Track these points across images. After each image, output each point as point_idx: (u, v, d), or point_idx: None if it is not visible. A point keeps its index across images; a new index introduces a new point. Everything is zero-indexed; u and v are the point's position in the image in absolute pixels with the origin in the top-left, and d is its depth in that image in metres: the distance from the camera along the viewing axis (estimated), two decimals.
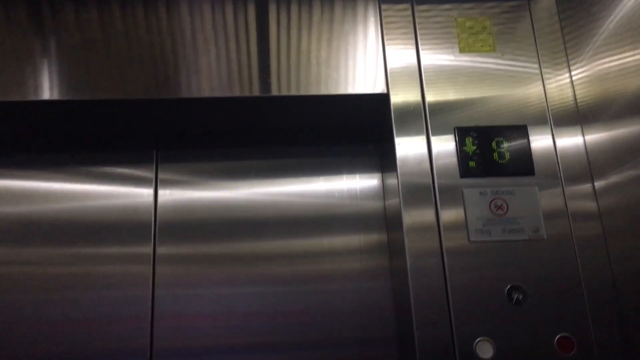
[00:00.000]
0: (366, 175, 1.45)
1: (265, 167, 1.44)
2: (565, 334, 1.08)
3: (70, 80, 1.22)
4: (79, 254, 1.34)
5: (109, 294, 1.31)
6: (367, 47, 1.28)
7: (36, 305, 1.29)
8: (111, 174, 1.40)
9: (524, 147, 1.20)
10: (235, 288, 1.34)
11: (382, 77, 1.26)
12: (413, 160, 1.19)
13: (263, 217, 1.40)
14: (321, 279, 1.35)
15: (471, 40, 1.28)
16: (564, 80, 1.27)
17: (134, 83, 1.22)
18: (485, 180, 1.17)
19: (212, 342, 1.30)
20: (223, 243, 1.37)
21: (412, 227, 1.15)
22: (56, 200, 1.38)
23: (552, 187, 1.18)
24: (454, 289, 1.10)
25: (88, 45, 1.24)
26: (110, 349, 1.28)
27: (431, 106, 1.23)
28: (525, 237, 1.14)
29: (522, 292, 1.10)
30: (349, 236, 1.39)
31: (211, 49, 1.26)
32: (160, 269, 1.33)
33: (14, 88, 1.21)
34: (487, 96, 1.24)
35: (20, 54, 1.23)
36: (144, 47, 1.25)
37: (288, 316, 1.33)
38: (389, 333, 1.32)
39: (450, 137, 1.21)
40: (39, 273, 1.32)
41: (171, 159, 1.43)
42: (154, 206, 1.38)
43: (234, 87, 1.24)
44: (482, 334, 1.07)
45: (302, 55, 1.26)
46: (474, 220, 1.14)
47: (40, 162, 1.41)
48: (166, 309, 1.31)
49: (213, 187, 1.41)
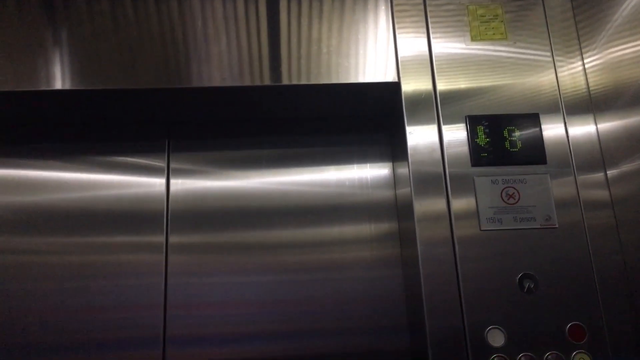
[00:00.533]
0: (377, 164, 1.45)
1: (276, 156, 1.45)
2: (576, 323, 1.08)
3: (81, 70, 1.22)
4: (92, 243, 1.35)
5: (122, 283, 1.32)
6: (378, 35, 1.28)
7: (49, 293, 1.31)
8: (123, 164, 1.41)
9: (535, 136, 1.19)
10: (246, 276, 1.35)
11: (393, 65, 1.26)
12: (424, 149, 1.19)
13: (274, 207, 1.40)
14: (332, 267, 1.36)
15: (483, 29, 1.28)
16: (577, 68, 1.26)
17: (145, 72, 1.23)
18: (496, 168, 1.17)
19: (223, 329, 1.31)
20: (234, 232, 1.38)
21: (423, 216, 1.15)
22: (69, 190, 1.39)
23: (564, 176, 1.17)
24: (465, 278, 1.10)
25: (99, 35, 1.25)
26: (123, 336, 1.29)
27: (442, 95, 1.23)
28: (536, 225, 1.13)
29: (533, 281, 1.10)
30: (360, 225, 1.39)
31: (222, 38, 1.26)
32: (173, 257, 1.35)
33: (26, 78, 1.22)
34: (499, 84, 1.24)
35: (32, 44, 1.24)
36: (155, 36, 1.25)
37: (299, 305, 1.33)
38: (400, 321, 1.32)
39: (461, 125, 1.20)
40: (52, 262, 1.33)
41: (183, 148, 1.43)
42: (166, 195, 1.39)
43: (245, 76, 1.24)
44: (493, 322, 1.08)
45: (312, 44, 1.26)
46: (485, 208, 1.14)
47: (53, 151, 1.42)
48: (179, 297, 1.32)
49: (224, 176, 1.42)
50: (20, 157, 1.41)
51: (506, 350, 1.06)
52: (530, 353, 1.06)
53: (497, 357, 1.05)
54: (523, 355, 1.05)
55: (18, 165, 1.40)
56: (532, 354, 1.05)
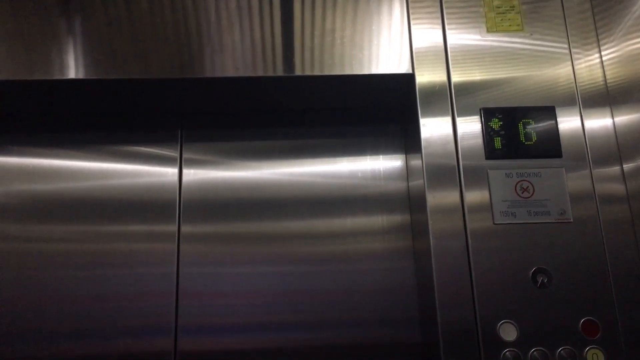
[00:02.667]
0: (390, 156, 1.44)
1: (289, 147, 1.44)
2: (590, 318, 1.07)
3: (95, 59, 1.23)
4: (105, 231, 1.36)
5: (134, 271, 1.33)
6: (393, 26, 1.27)
7: (62, 281, 1.32)
8: (136, 153, 1.42)
9: (551, 129, 1.18)
10: (258, 267, 1.35)
11: (408, 57, 1.25)
12: (438, 141, 1.18)
13: (286, 197, 1.40)
14: (344, 259, 1.36)
15: (499, 20, 1.26)
16: (594, 61, 1.24)
17: (159, 62, 1.23)
18: (511, 162, 1.16)
19: (235, 319, 1.31)
20: (246, 222, 1.38)
21: (436, 208, 1.14)
22: (82, 179, 1.39)
23: (579, 170, 1.16)
24: (477, 271, 1.10)
25: (113, 25, 1.25)
26: (136, 325, 1.30)
27: (457, 87, 1.21)
28: (551, 219, 1.12)
29: (547, 275, 1.09)
30: (372, 217, 1.39)
31: (235, 28, 1.25)
32: (185, 247, 1.35)
33: (40, 67, 1.22)
34: (514, 77, 1.22)
35: (46, 33, 1.24)
36: (169, 26, 1.25)
37: (310, 295, 1.33)
38: (412, 314, 1.32)
39: (476, 118, 1.19)
40: (65, 250, 1.34)
41: (196, 138, 1.44)
42: (179, 185, 1.39)
43: (258, 66, 1.23)
44: (505, 316, 1.07)
45: (326, 34, 1.25)
46: (499, 202, 1.13)
47: (66, 141, 1.42)
48: (191, 286, 1.32)
49: (237, 166, 1.42)
50: (34, 146, 1.41)
51: (518, 345, 1.05)
52: (542, 348, 1.05)
53: (509, 351, 1.05)
54: (535, 350, 1.05)
55: (32, 154, 1.41)
56: (544, 349, 1.05)
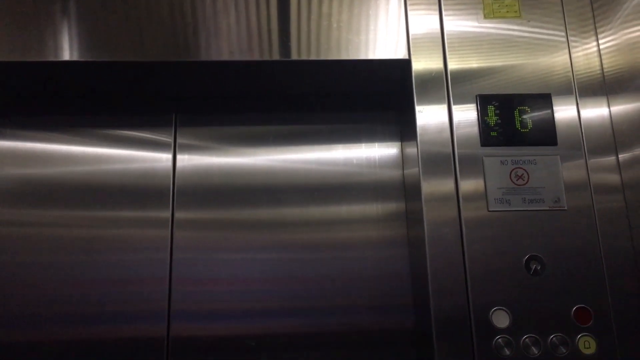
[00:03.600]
0: (385, 143, 1.43)
1: (284, 133, 1.44)
2: (582, 306, 1.07)
3: (89, 41, 1.21)
4: (98, 217, 1.35)
5: (127, 257, 1.32)
6: (389, 11, 1.26)
7: (54, 267, 1.31)
8: (130, 138, 1.40)
9: (547, 117, 1.18)
10: (252, 253, 1.34)
11: (404, 42, 1.24)
12: (433, 128, 1.18)
13: (281, 184, 1.39)
14: (338, 246, 1.35)
15: (496, 6, 1.25)
16: (591, 49, 1.23)
17: (153, 45, 1.21)
18: (506, 149, 1.16)
19: (228, 305, 1.31)
20: (241, 209, 1.37)
21: (431, 196, 1.14)
22: (75, 163, 1.38)
23: (574, 158, 1.16)
24: (471, 258, 1.10)
25: (108, 6, 1.23)
26: (129, 310, 1.30)
27: (453, 73, 1.21)
28: (545, 207, 1.12)
29: (540, 263, 1.09)
30: (367, 204, 1.38)
31: (231, 11, 1.24)
32: (179, 233, 1.34)
33: (34, 48, 1.21)
34: (511, 64, 1.22)
35: (40, 14, 1.23)
36: (164, 8, 1.23)
37: (304, 282, 1.33)
38: (406, 301, 1.32)
39: (472, 105, 1.19)
40: (58, 235, 1.33)
41: (190, 123, 1.42)
42: (173, 171, 1.38)
43: (254, 50, 1.22)
44: (498, 303, 1.07)
45: (322, 18, 1.24)
46: (494, 189, 1.13)
47: (59, 124, 1.41)
48: (184, 272, 1.32)
49: (231, 152, 1.41)
50: (26, 129, 1.40)
51: (511, 332, 1.05)
52: (534, 335, 1.05)
53: (502, 338, 1.05)
54: (527, 337, 1.05)
55: (24, 137, 1.40)
56: (536, 335, 1.05)
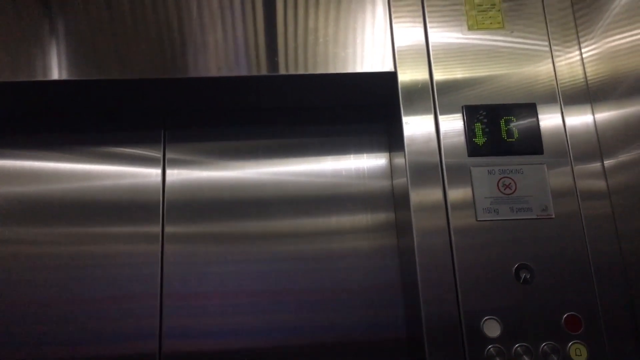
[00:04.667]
0: (374, 154, 1.44)
1: (273, 146, 1.44)
2: (572, 313, 1.08)
3: (77, 60, 1.22)
4: (88, 233, 1.35)
5: (118, 273, 1.32)
6: (375, 25, 1.27)
7: (45, 284, 1.31)
8: (119, 154, 1.41)
9: (532, 126, 1.19)
10: (242, 266, 1.34)
11: (390, 55, 1.25)
12: (421, 139, 1.19)
13: (270, 197, 1.40)
14: (329, 257, 1.35)
15: (480, 18, 1.27)
16: (574, 58, 1.25)
17: (141, 62, 1.22)
18: (493, 159, 1.17)
19: (220, 319, 1.31)
20: (231, 222, 1.38)
21: (419, 206, 1.14)
22: (65, 181, 1.38)
23: (561, 166, 1.17)
24: (461, 268, 1.10)
25: (95, 25, 1.24)
26: (119, 327, 1.29)
27: (439, 85, 1.22)
28: (533, 215, 1.13)
29: (529, 271, 1.09)
30: (357, 215, 1.39)
31: (218, 28, 1.25)
32: (169, 247, 1.34)
33: (23, 68, 1.21)
34: (496, 74, 1.23)
35: (28, 35, 1.23)
36: (151, 26, 1.24)
37: (295, 294, 1.33)
38: (397, 311, 1.32)
39: (458, 115, 1.20)
40: (48, 252, 1.33)
41: (179, 138, 1.43)
42: (162, 186, 1.39)
43: (241, 66, 1.23)
44: (489, 312, 1.08)
45: (309, 33, 1.26)
46: (482, 199, 1.14)
47: (49, 142, 1.41)
48: (175, 287, 1.32)
49: (220, 166, 1.42)
50: (15, 148, 1.40)
51: (502, 341, 1.06)
52: (526, 343, 1.05)
53: (493, 347, 1.05)
54: (519, 345, 1.05)
55: (13, 155, 1.40)
56: (528, 344, 1.05)
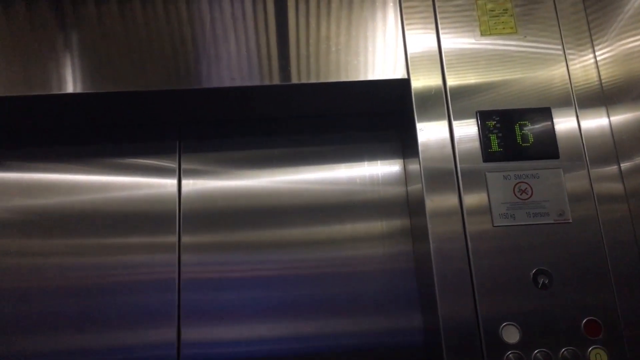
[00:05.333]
0: (388, 161, 1.44)
1: (287, 155, 1.45)
2: (592, 318, 1.07)
3: (92, 73, 1.23)
4: (106, 244, 1.36)
5: (136, 283, 1.33)
6: (387, 32, 1.27)
7: (63, 294, 1.32)
8: (135, 165, 1.42)
9: (547, 130, 1.18)
10: (258, 274, 1.35)
11: (403, 62, 1.25)
12: (435, 145, 1.18)
13: (285, 205, 1.40)
14: (344, 265, 1.36)
15: (492, 23, 1.27)
16: (588, 61, 1.24)
17: (155, 74, 1.23)
18: (508, 164, 1.16)
19: (238, 328, 1.31)
20: (246, 231, 1.38)
21: (435, 212, 1.14)
22: (82, 192, 1.40)
23: (577, 170, 1.16)
24: (478, 274, 1.10)
25: (109, 38, 1.25)
26: (138, 336, 1.30)
27: (452, 90, 1.22)
28: (550, 220, 1.12)
29: (548, 276, 1.09)
30: (372, 222, 1.39)
31: (230, 38, 1.26)
32: (186, 257, 1.35)
33: (38, 82, 1.23)
34: (510, 79, 1.23)
35: (43, 49, 1.25)
36: (164, 38, 1.25)
37: (312, 302, 1.33)
38: (414, 317, 1.32)
39: (472, 121, 1.19)
40: (67, 263, 1.34)
41: (194, 148, 1.44)
42: (178, 196, 1.40)
43: (254, 76, 1.24)
44: (507, 318, 1.07)
45: (321, 42, 1.26)
46: (498, 204, 1.14)
47: (65, 154, 1.43)
48: (192, 295, 1.32)
49: (235, 176, 1.42)
50: (34, 161, 1.42)
51: (521, 347, 1.05)
52: (545, 349, 1.05)
53: (512, 353, 1.04)
54: (539, 351, 1.05)
55: (31, 168, 1.41)
56: (547, 350, 1.05)
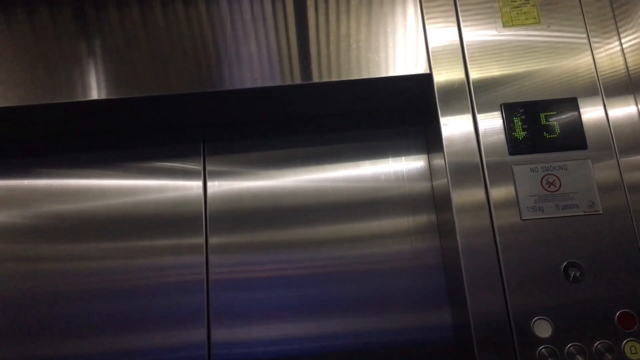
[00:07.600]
0: (412, 156, 1.43)
1: (310, 154, 1.45)
2: (626, 310, 1.05)
3: (116, 79, 1.25)
4: (134, 247, 1.38)
5: (165, 284, 1.35)
6: (407, 27, 1.27)
7: (93, 298, 1.34)
8: (161, 169, 1.44)
9: (574, 120, 1.16)
10: (286, 274, 1.35)
11: (424, 57, 1.24)
12: (459, 139, 1.18)
13: (310, 204, 1.40)
14: (372, 262, 1.35)
15: (514, 14, 1.25)
16: (614, 49, 1.22)
17: (178, 78, 1.24)
18: (535, 156, 1.15)
19: (267, 328, 1.32)
20: (272, 231, 1.39)
21: (461, 206, 1.13)
22: (109, 197, 1.42)
23: (606, 160, 1.14)
24: (507, 269, 1.08)
25: (132, 44, 1.27)
26: (168, 337, 1.31)
27: (476, 84, 1.21)
28: (580, 212, 1.11)
29: (579, 269, 1.07)
30: (398, 218, 1.38)
31: (251, 39, 1.27)
32: (213, 258, 1.36)
33: (63, 89, 1.25)
34: (534, 70, 1.21)
35: (67, 56, 1.27)
36: (186, 41, 1.26)
37: (340, 300, 1.33)
38: (443, 313, 1.31)
39: (497, 114, 1.18)
40: (96, 267, 1.36)
41: (218, 150, 1.45)
42: (204, 198, 1.41)
43: (276, 76, 1.24)
44: (539, 312, 1.06)
45: (341, 40, 1.26)
46: (526, 197, 1.12)
47: (92, 160, 1.45)
48: (221, 295, 1.34)
49: (260, 176, 1.43)
50: (62, 167, 1.44)
51: (554, 341, 1.04)
52: (579, 343, 1.03)
53: (545, 348, 1.03)
54: (572, 345, 1.03)
55: (60, 175, 1.44)
56: (581, 344, 1.03)
